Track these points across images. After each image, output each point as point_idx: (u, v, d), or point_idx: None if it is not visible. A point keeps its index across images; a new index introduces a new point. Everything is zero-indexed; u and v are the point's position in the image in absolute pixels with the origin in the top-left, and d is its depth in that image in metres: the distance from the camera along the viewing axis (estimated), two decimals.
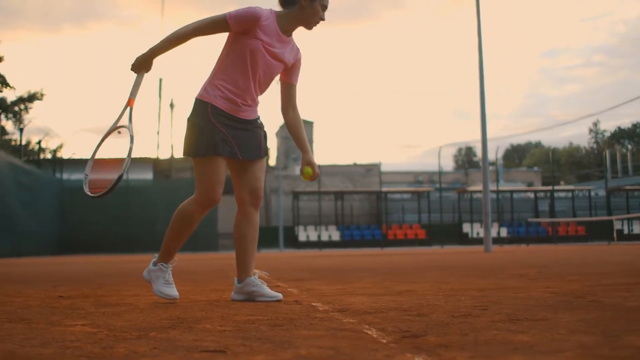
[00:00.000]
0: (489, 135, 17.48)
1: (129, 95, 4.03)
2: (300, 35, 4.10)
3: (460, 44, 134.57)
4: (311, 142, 56.15)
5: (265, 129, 4.17)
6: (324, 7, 3.96)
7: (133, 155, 4.01)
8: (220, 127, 3.87)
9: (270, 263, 12.27)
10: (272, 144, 60.06)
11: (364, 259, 14.01)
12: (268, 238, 41.72)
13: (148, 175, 43.35)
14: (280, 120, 59.16)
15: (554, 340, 2.15)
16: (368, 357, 1.94)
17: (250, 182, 4.08)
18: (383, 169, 64.16)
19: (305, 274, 7.23)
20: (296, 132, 4.22)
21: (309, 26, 4.00)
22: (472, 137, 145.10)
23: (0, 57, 39.13)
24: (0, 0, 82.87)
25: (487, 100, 16.13)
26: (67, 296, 4.74)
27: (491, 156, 59.39)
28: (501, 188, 44.67)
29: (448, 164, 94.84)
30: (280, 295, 4.02)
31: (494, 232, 41.26)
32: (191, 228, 4.08)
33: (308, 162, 4.18)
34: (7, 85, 38.56)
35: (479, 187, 48.91)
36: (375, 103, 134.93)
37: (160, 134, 53.67)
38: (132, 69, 3.99)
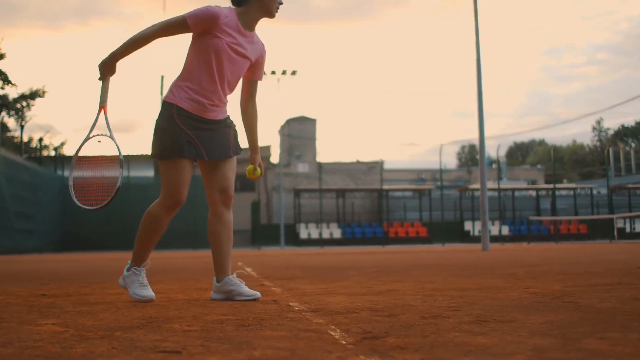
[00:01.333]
0: (491, 133, 17.63)
1: (99, 102, 4.01)
2: (303, 33, 4.12)
3: (462, 42, 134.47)
4: (314, 139, 56.01)
5: (235, 128, 4.17)
6: None
7: (134, 153, 4.07)
8: (185, 129, 3.87)
9: (266, 260, 12.26)
10: (274, 141, 60.16)
11: (360, 257, 14.00)
12: (269, 236, 41.74)
13: (149, 172, 43.35)
14: (281, 119, 59.21)
15: (511, 342, 2.14)
16: (320, 359, 1.94)
17: (220, 182, 4.08)
18: (386, 166, 64.17)
19: (296, 272, 7.23)
20: (251, 128, 4.24)
21: (271, 14, 4.00)
22: (475, 135, 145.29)
23: (1, 55, 39.14)
24: None
25: (490, 98, 16.22)
26: (50, 294, 4.74)
27: (493, 154, 59.40)
28: (502, 186, 44.59)
29: (451, 162, 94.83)
30: (258, 294, 4.02)
31: (495, 230, 41.26)
32: (160, 231, 4.08)
33: (254, 162, 4.19)
34: (8, 82, 38.57)
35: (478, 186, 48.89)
36: (377, 101, 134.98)
37: None
38: (99, 78, 3.99)
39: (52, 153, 42.89)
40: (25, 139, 44.18)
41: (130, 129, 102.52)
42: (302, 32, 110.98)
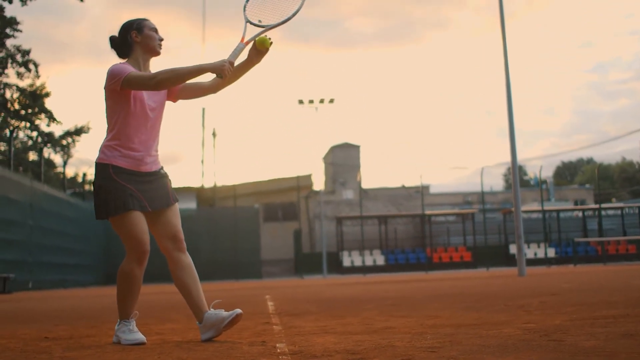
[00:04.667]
0: (538, 153, 17.32)
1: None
2: (344, 59, 4.25)
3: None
4: (358, 166, 55.94)
5: (169, 177, 4.26)
6: (154, 29, 4.14)
7: (176, 185, 4.17)
8: (126, 184, 3.93)
9: (293, 293, 12.23)
10: (319, 169, 60.25)
11: (393, 286, 13.90)
12: (312, 264, 41.69)
13: (192, 205, 43.84)
14: (325, 147, 59.34)
15: None
16: None
17: (167, 230, 4.13)
18: (432, 190, 63.78)
19: (311, 307, 7.19)
20: (213, 83, 4.23)
21: (156, 52, 4.15)
22: (522, 155, 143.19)
23: (47, 93, 40.19)
24: (49, 34, 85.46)
25: (535, 117, 15.95)
26: (53, 337, 4.79)
27: (542, 174, 58.47)
28: (546, 207, 43.85)
29: (498, 184, 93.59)
30: (237, 311, 4.03)
31: (541, 253, 40.58)
32: (137, 285, 4.12)
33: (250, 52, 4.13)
34: (54, 120, 39.56)
35: (526, 207, 48.21)
36: (422, 124, 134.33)
37: (204, 163, 54.21)
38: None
39: None
40: (70, 174, 45.15)
41: (172, 161, 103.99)
42: (343, 58, 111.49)
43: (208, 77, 4.08)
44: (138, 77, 3.87)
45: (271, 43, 4.12)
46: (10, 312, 9.05)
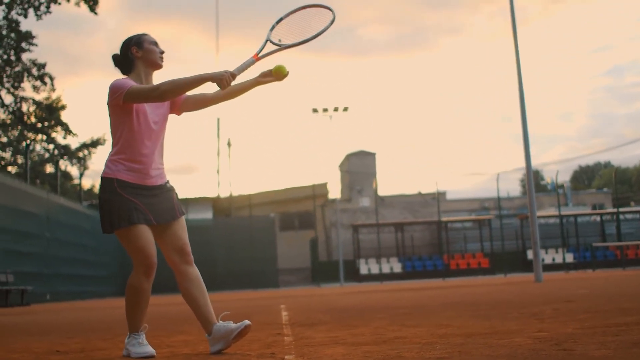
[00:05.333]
0: (554, 158, 17.32)
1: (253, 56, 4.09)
2: (358, 67, 4.26)
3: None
4: (374, 173, 55.83)
5: (175, 190, 4.26)
6: (154, 43, 4.18)
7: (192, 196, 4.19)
8: (130, 197, 3.94)
9: (308, 302, 12.20)
10: (335, 177, 60.29)
11: (408, 294, 13.85)
12: (329, 272, 41.65)
13: (208, 215, 43.93)
14: (341, 155, 59.33)
15: None
16: None
17: (174, 243, 4.13)
18: (449, 196, 63.50)
19: (324, 317, 7.16)
20: (234, 92, 4.19)
21: (157, 64, 4.18)
22: (538, 160, 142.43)
23: (63, 106, 40.51)
24: (64, 47, 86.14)
25: (550, 122, 15.87)
26: (64, 350, 4.81)
27: (559, 179, 58.08)
28: (563, 212, 43.56)
29: (515, 189, 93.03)
30: (246, 322, 4.02)
31: (559, 258, 40.30)
32: (146, 298, 4.11)
33: (267, 73, 4.16)
34: (70, 132, 39.84)
35: (543, 212, 47.91)
36: (437, 131, 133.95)
37: (220, 173, 54.39)
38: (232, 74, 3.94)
39: None
40: (86, 186, 45.41)
41: (188, 171, 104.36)
42: (357, 66, 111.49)
43: (212, 88, 4.08)
44: (140, 89, 3.89)
45: (288, 73, 4.15)
46: (25, 325, 9.10)
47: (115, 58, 4.19)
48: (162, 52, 4.21)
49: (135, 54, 4.13)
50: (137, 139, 3.99)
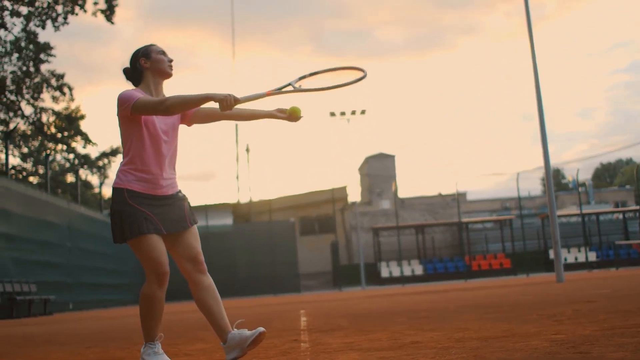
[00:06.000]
0: (575, 156, 17.12)
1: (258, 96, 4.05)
2: (375, 69, 4.22)
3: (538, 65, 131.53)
4: (394, 176, 55.69)
5: (188, 200, 4.25)
6: (162, 52, 4.19)
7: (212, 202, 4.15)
8: (140, 207, 3.94)
9: (328, 307, 12.17)
10: (355, 181, 60.26)
11: (429, 296, 13.79)
12: (350, 276, 41.59)
13: (228, 221, 44.03)
14: (361, 157, 59.26)
15: None
16: None
17: (187, 252, 4.13)
18: (470, 197, 63.18)
19: (342, 322, 7.14)
20: (248, 115, 4.25)
21: (166, 73, 4.19)
22: (558, 159, 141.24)
23: (82, 115, 40.84)
24: (82, 57, 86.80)
25: (570, 120, 15.73)
26: None
27: (581, 177, 57.59)
28: (585, 210, 43.18)
29: (536, 188, 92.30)
30: (260, 329, 4.00)
31: (581, 257, 39.96)
32: (160, 307, 4.10)
33: (284, 109, 4.18)
34: (89, 141, 40.16)
35: (565, 211, 47.56)
36: (456, 131, 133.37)
37: (239, 179, 54.53)
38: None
39: None
40: (107, 195, 45.73)
41: (207, 177, 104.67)
42: (374, 68, 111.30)
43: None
44: (147, 102, 3.90)
45: (302, 117, 4.18)
46: (47, 335, 9.16)
47: (125, 72, 4.23)
48: (171, 61, 4.22)
49: (144, 65, 4.15)
50: (147, 150, 4.01)
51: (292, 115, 4.19)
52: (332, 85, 4.12)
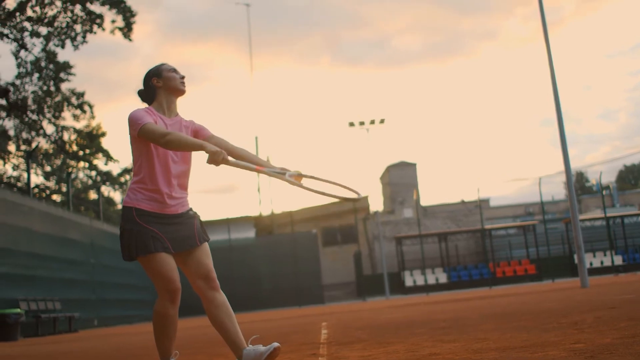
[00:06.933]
0: (599, 158, 16.89)
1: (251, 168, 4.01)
2: (395, 77, 4.18)
3: (556, 69, 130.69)
4: (415, 184, 55.47)
5: (199, 217, 4.26)
6: (173, 70, 4.24)
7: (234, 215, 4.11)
8: (148, 226, 3.96)
9: (350, 318, 12.11)
10: (376, 190, 60.15)
11: (452, 305, 13.70)
12: (374, 286, 41.45)
13: (250, 234, 44.08)
14: (381, 167, 59.22)
15: None
16: None
17: (199, 270, 4.14)
18: (493, 203, 62.86)
19: (362, 334, 7.09)
20: (248, 155, 4.19)
21: (179, 90, 4.23)
22: (580, 162, 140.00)
23: (103, 133, 41.17)
24: (101, 74, 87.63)
25: (591, 123, 15.56)
26: None
27: (604, 180, 57.08)
28: (610, 214, 42.72)
29: (560, 192, 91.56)
30: (275, 344, 3.99)
31: (607, 261, 39.51)
32: (173, 324, 4.12)
33: (284, 171, 4.13)
34: (111, 158, 40.47)
35: (589, 215, 47.11)
36: (477, 137, 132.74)
37: (261, 191, 54.63)
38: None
39: None
40: None
41: (229, 191, 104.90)
42: (392, 76, 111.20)
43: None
44: (151, 131, 3.94)
45: (299, 185, 4.12)
46: (70, 352, 9.20)
47: (140, 94, 4.31)
48: (183, 77, 4.27)
49: (156, 84, 4.21)
50: (156, 169, 4.03)
51: (293, 180, 4.14)
52: (320, 191, 3.98)
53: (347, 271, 46.99)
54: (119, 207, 42.08)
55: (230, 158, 3.92)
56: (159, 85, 4.20)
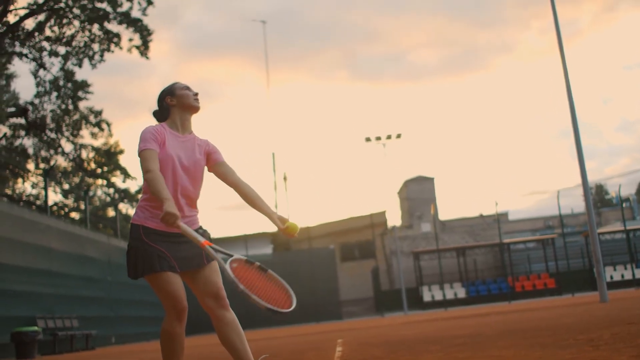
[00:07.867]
0: (617, 171, 16.75)
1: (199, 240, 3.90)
2: (411, 92, 4.18)
3: (572, 82, 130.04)
4: (433, 199, 55.26)
5: (209, 234, 4.23)
6: (186, 87, 4.27)
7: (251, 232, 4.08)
8: (155, 245, 3.94)
9: (367, 335, 12.03)
10: (394, 204, 60.01)
11: (470, 321, 13.57)
12: (392, 301, 41.25)
13: (267, 250, 44.06)
14: (399, 181, 59.07)
15: None
16: None
17: (208, 289, 4.12)
18: (512, 216, 62.40)
19: (377, 352, 7.02)
20: (254, 202, 4.28)
21: (193, 107, 4.25)
22: (598, 175, 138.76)
23: (121, 150, 41.40)
24: (119, 92, 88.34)
25: (610, 135, 15.41)
26: None
27: (624, 192, 56.53)
28: (630, 227, 42.26)
29: (580, 205, 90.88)
30: None
31: (628, 275, 39.08)
32: (180, 342, 4.11)
33: (284, 223, 4.14)
34: (129, 176, 40.66)
35: (609, 228, 46.67)
36: (495, 152, 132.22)
37: (278, 207, 54.64)
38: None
39: None
40: None
41: (246, 207, 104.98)
42: (409, 91, 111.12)
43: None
44: (143, 159, 3.96)
45: (296, 236, 4.31)
46: None
47: (155, 114, 4.34)
48: (196, 94, 4.29)
49: (170, 103, 4.24)
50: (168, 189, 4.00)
51: (288, 229, 4.27)
52: (254, 298, 3.77)
53: (365, 287, 46.79)
54: None
55: (181, 224, 3.82)
56: (173, 104, 4.23)
